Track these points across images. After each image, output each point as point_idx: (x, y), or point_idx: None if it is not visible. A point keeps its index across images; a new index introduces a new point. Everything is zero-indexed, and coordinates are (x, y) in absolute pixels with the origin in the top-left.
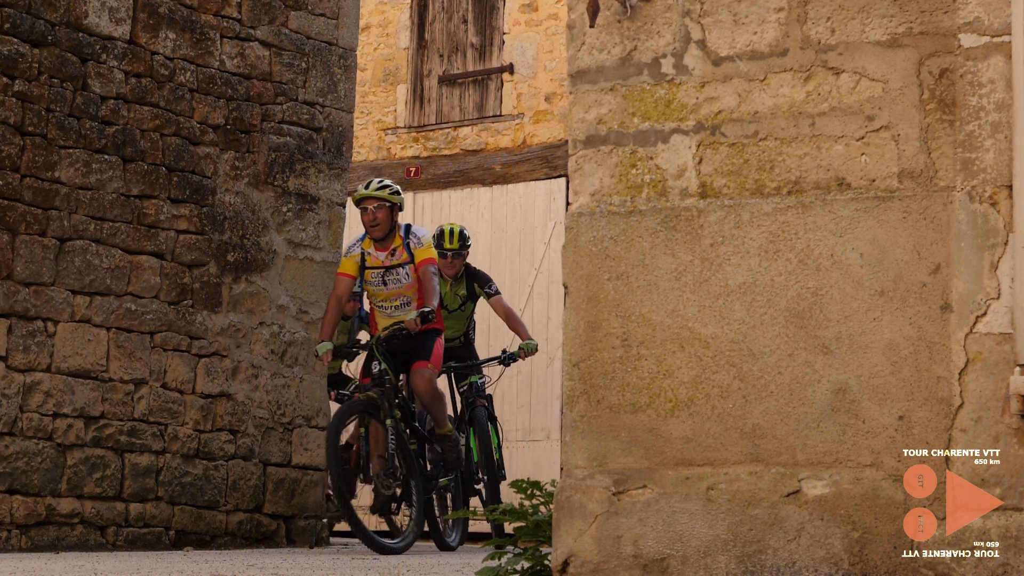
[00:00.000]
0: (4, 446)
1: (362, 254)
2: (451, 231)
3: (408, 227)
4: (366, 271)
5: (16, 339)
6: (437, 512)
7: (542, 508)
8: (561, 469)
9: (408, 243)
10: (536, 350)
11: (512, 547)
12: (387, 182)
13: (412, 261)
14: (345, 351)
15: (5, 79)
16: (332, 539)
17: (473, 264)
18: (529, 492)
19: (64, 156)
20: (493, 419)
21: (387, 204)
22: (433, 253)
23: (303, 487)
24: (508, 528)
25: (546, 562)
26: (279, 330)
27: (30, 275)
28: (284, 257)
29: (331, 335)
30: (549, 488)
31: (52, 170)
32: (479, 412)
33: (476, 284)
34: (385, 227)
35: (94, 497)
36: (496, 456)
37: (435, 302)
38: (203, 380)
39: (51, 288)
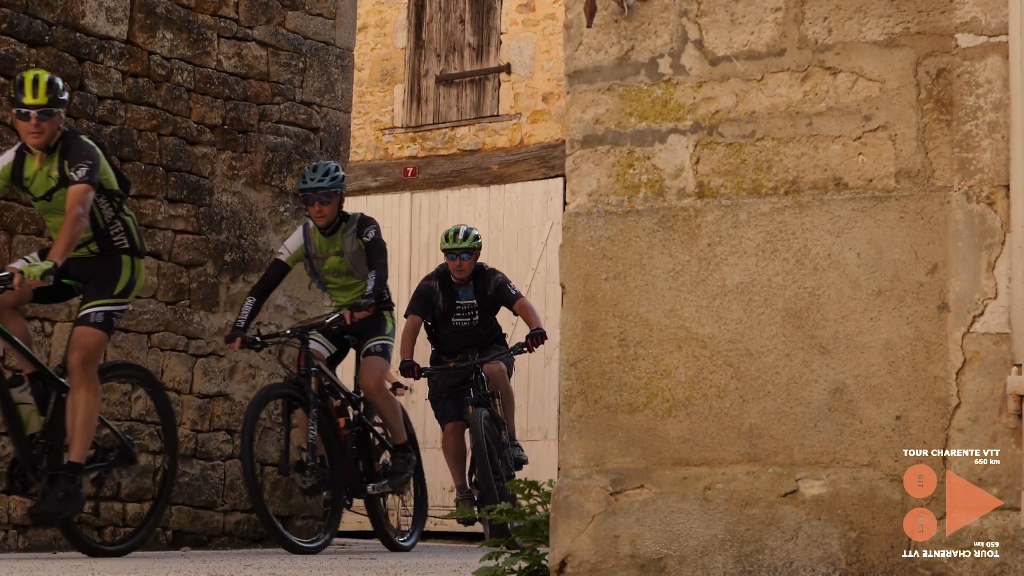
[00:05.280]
0: (1, 446)
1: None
2: (25, 78)
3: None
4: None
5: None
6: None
7: (539, 508)
8: (558, 469)
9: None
10: (40, 276)
11: (510, 547)
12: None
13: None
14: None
15: (2, 79)
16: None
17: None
18: (527, 492)
19: None
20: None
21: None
22: None
23: None
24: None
25: (544, 562)
26: (276, 330)
27: None
28: None
29: None
30: (547, 488)
31: None
32: None
33: (68, 161)
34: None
35: (91, 497)
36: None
37: None
38: (200, 380)
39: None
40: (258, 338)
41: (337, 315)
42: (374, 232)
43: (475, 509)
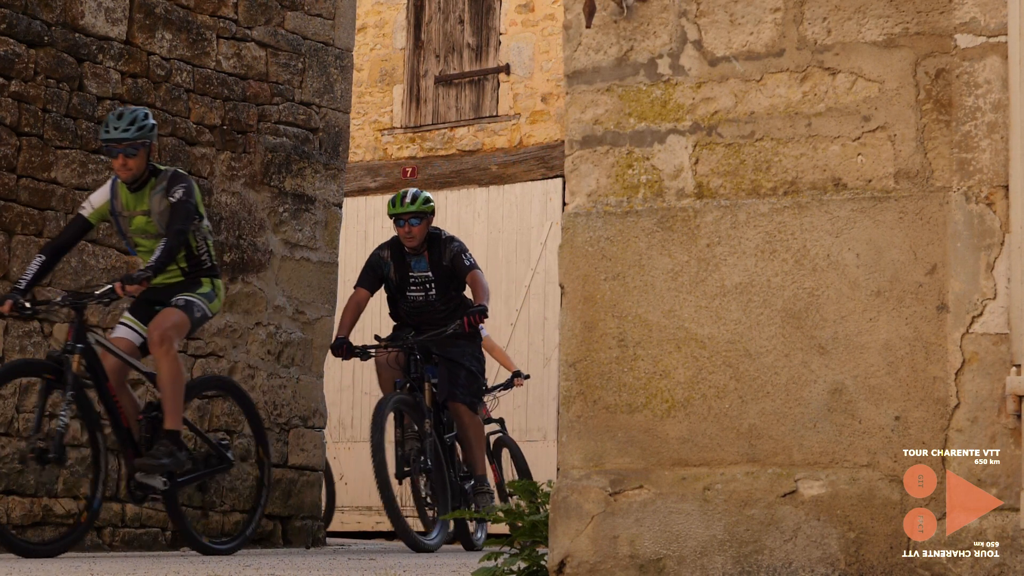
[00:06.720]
0: (0, 447)
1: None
2: None
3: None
4: None
5: (12, 339)
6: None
7: (539, 508)
8: (558, 469)
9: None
10: None
11: (508, 547)
12: None
13: None
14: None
15: (2, 79)
16: (328, 540)
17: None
18: (526, 492)
19: (60, 156)
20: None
21: None
22: None
23: (299, 488)
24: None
25: (543, 562)
26: (275, 330)
27: None
28: (280, 257)
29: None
30: (546, 488)
31: (48, 170)
32: None
33: None
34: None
35: None
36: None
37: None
38: None
39: (47, 288)
40: (27, 304)
41: (108, 287)
42: (182, 192)
43: (472, 508)
